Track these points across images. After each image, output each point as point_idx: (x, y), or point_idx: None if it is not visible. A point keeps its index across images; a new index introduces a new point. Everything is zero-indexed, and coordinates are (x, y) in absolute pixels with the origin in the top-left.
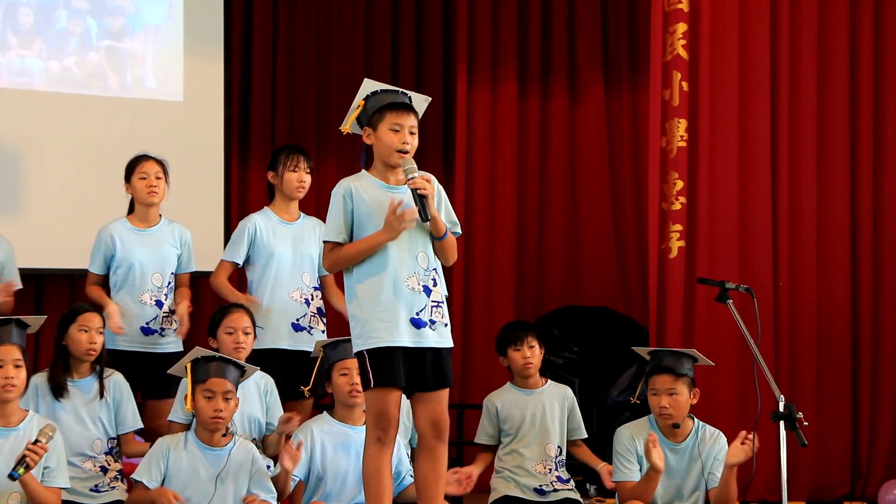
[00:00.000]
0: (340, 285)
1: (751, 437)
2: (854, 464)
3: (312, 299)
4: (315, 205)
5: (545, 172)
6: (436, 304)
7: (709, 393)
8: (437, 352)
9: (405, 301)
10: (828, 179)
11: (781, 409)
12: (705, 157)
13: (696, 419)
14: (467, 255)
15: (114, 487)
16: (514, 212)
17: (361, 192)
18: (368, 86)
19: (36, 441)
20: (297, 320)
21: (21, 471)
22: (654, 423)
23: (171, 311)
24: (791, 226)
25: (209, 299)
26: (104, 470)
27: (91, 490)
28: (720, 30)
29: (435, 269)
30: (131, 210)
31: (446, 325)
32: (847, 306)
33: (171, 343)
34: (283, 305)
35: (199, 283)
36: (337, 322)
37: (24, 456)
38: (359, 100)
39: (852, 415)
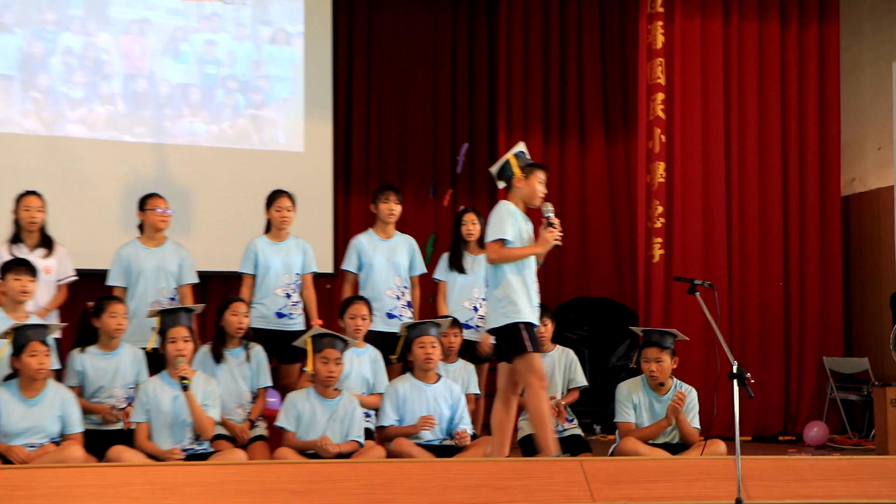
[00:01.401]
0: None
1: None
2: (786, 410)
3: (402, 295)
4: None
5: (563, 200)
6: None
7: (683, 359)
8: None
9: (533, 292)
10: (766, 206)
11: (735, 370)
12: (678, 189)
13: (675, 378)
14: None
15: (257, 426)
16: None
17: (517, 214)
18: (520, 146)
19: (182, 377)
20: (391, 311)
21: (186, 382)
22: (645, 382)
23: (297, 302)
24: (741, 238)
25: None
26: (250, 414)
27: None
28: (688, 98)
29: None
30: (268, 229)
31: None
32: (780, 295)
33: (296, 324)
34: (381, 300)
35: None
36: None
37: (183, 377)
38: (510, 155)
39: (785, 374)
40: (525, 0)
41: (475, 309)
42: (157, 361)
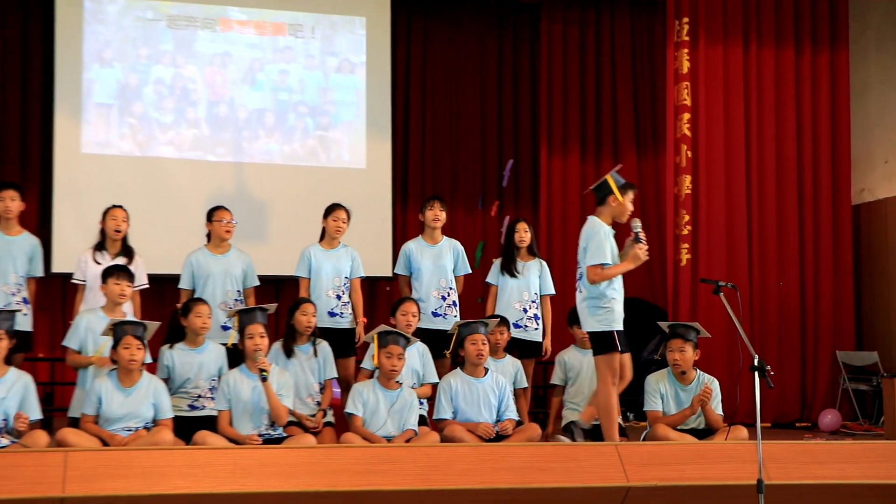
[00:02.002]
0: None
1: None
2: (803, 398)
3: (448, 296)
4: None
5: None
6: None
7: (708, 353)
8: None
9: (621, 298)
10: (783, 214)
11: (756, 363)
12: (703, 199)
13: (698, 370)
14: (550, 267)
15: (325, 413)
16: (579, 237)
17: (609, 233)
18: (616, 168)
19: (261, 369)
20: (436, 310)
21: (265, 374)
22: (671, 373)
23: (346, 303)
24: (760, 243)
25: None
26: (318, 403)
27: (310, 416)
28: (712, 118)
29: None
30: (322, 238)
31: None
32: (797, 294)
33: (345, 322)
34: (428, 300)
35: (373, 285)
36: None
37: (262, 369)
38: (608, 175)
39: (801, 367)
40: (563, 30)
41: (524, 310)
42: (236, 356)
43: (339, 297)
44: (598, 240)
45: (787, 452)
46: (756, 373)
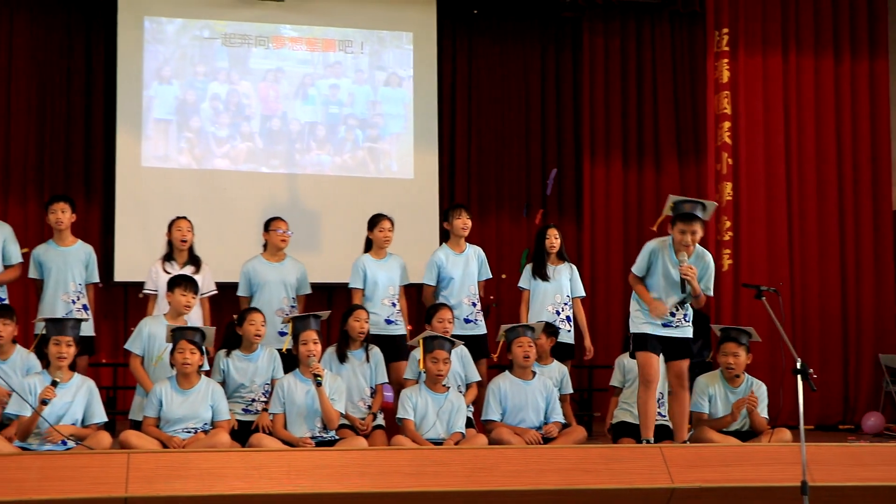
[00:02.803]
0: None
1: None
2: (846, 401)
3: (477, 303)
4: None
5: (641, 217)
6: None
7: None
8: (679, 339)
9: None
10: (824, 220)
11: (799, 367)
12: (744, 206)
13: (747, 374)
14: (594, 274)
15: (376, 417)
16: (622, 243)
17: (657, 251)
18: (674, 197)
19: (316, 375)
20: (467, 316)
21: (319, 379)
22: (722, 375)
23: (400, 310)
24: (801, 248)
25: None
26: (369, 407)
27: (361, 419)
28: (752, 126)
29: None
30: (368, 248)
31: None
32: (838, 298)
33: (400, 329)
34: (459, 308)
35: (420, 292)
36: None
37: (316, 375)
38: (669, 202)
39: (843, 370)
40: (605, 42)
41: (557, 313)
42: (289, 361)
43: (393, 305)
44: (641, 251)
45: (831, 455)
46: (799, 376)
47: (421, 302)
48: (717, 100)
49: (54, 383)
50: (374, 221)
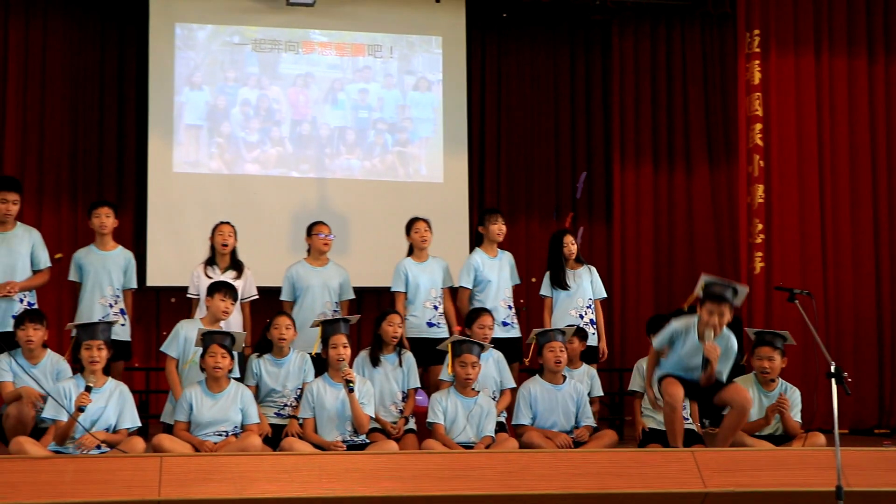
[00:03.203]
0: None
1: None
2: (881, 405)
3: (512, 306)
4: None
5: (672, 219)
6: None
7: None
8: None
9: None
10: (858, 221)
11: (833, 370)
12: (776, 208)
13: (781, 379)
14: (624, 277)
15: (408, 421)
16: (652, 246)
17: (678, 331)
18: (706, 278)
19: (348, 380)
20: (504, 319)
21: (351, 385)
22: (756, 378)
23: (442, 312)
24: (834, 251)
25: None
26: (401, 411)
27: (393, 423)
28: (784, 128)
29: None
30: (410, 252)
31: None
32: (873, 300)
33: (442, 332)
34: (496, 311)
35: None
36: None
37: (348, 380)
38: (701, 282)
39: (879, 373)
40: (635, 44)
41: (580, 317)
42: (319, 364)
43: (435, 308)
44: (665, 328)
45: (866, 459)
46: (833, 379)
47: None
48: (749, 102)
49: (88, 389)
50: (409, 224)
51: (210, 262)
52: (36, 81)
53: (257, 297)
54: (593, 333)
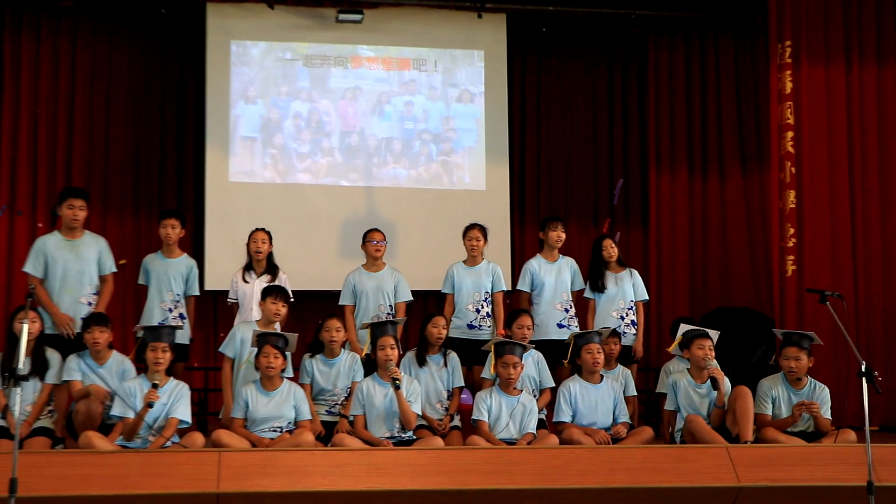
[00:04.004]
0: None
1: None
2: None
3: (570, 309)
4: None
5: (707, 224)
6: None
7: (814, 360)
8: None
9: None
10: (888, 225)
11: (863, 370)
12: (807, 213)
13: (810, 377)
14: (660, 281)
15: (453, 418)
16: (687, 250)
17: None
18: (684, 327)
19: (395, 379)
20: (560, 321)
21: (398, 383)
22: (784, 378)
23: (485, 315)
24: (865, 254)
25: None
26: (446, 409)
27: (439, 420)
28: (815, 135)
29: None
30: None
31: None
32: None
33: (484, 334)
34: (551, 313)
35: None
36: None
37: (395, 378)
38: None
39: None
40: (669, 56)
41: (622, 318)
42: (369, 365)
43: (478, 311)
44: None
45: None
46: (863, 378)
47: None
48: (780, 110)
49: (154, 386)
50: (465, 231)
51: (247, 267)
52: (101, 98)
53: (291, 300)
54: (635, 335)
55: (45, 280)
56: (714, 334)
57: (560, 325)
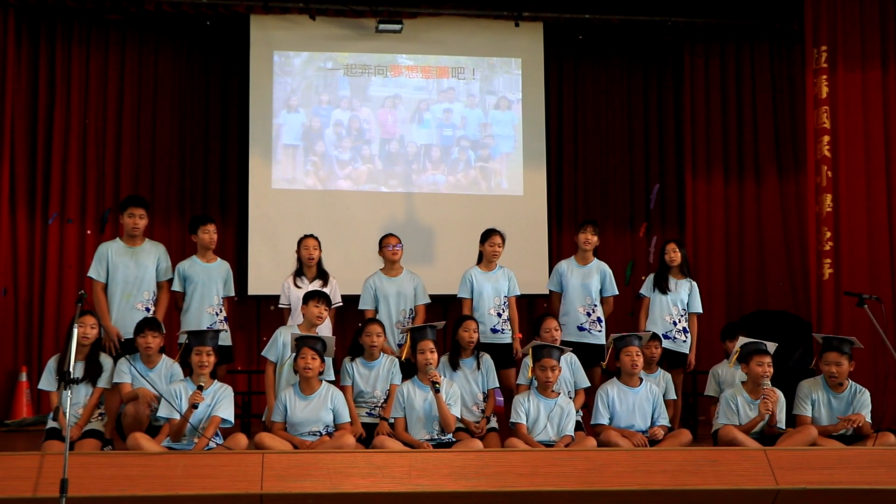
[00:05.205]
0: None
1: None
2: None
3: (593, 312)
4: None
5: (742, 228)
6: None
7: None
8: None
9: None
10: None
11: None
12: (844, 217)
13: (851, 381)
14: (697, 284)
15: (489, 420)
16: (724, 255)
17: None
18: (742, 340)
19: (434, 382)
20: (581, 324)
21: (438, 386)
22: (824, 381)
23: (507, 319)
24: None
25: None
26: (482, 411)
27: (476, 423)
28: (851, 139)
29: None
30: (480, 260)
31: None
32: None
33: (506, 337)
34: (574, 315)
35: (532, 302)
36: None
37: (435, 383)
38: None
39: None
40: (705, 62)
41: (674, 323)
42: (408, 368)
43: (499, 315)
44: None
45: None
46: None
47: (531, 311)
48: (817, 115)
49: (200, 388)
50: (486, 236)
51: (298, 272)
52: (148, 109)
53: (341, 304)
54: (685, 341)
55: (106, 285)
56: (771, 346)
57: (581, 328)
